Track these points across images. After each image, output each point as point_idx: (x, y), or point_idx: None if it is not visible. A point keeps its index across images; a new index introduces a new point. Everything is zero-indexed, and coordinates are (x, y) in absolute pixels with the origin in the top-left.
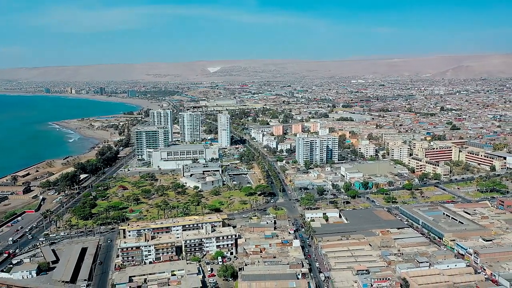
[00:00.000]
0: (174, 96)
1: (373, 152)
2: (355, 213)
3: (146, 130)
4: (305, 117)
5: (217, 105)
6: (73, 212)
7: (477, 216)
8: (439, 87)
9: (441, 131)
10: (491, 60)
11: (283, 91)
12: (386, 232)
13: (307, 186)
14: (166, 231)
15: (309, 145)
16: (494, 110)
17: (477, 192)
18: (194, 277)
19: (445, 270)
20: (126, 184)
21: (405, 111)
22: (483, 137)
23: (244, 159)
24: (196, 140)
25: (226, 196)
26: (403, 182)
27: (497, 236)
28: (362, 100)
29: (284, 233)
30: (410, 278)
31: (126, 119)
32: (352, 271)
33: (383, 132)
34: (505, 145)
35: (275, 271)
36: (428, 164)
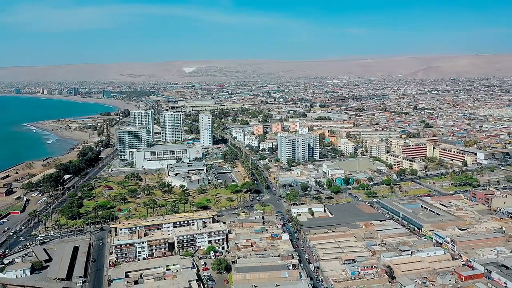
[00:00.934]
0: (150, 96)
1: (352, 149)
2: (339, 208)
3: (129, 130)
4: (284, 116)
5: (195, 105)
6: (60, 212)
7: (452, 208)
8: (411, 87)
9: (415, 129)
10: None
11: (260, 91)
12: (369, 225)
13: (291, 183)
14: (158, 228)
15: (291, 143)
16: (463, 109)
17: (451, 186)
18: (189, 271)
19: (426, 257)
20: (111, 184)
21: (380, 110)
22: (454, 134)
23: (228, 158)
24: (178, 140)
25: (213, 194)
26: (382, 178)
27: (471, 226)
28: (338, 99)
29: (273, 227)
30: (394, 266)
31: (103, 119)
32: (339, 261)
33: (360, 131)
34: (475, 142)
35: (267, 263)
36: (405, 161)
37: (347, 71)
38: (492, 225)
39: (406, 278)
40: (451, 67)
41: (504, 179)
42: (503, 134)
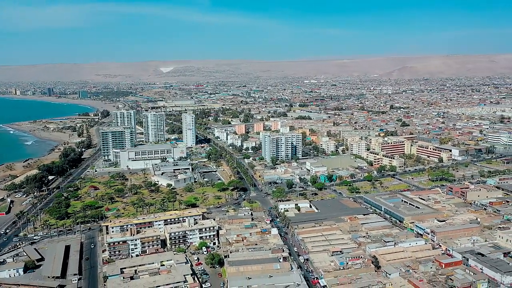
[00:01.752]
0: (128, 96)
1: (333, 148)
2: (324, 203)
3: (112, 130)
4: (264, 116)
5: (175, 106)
6: (48, 212)
7: (430, 202)
8: (387, 87)
9: (393, 128)
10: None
11: (239, 91)
12: (353, 218)
13: (276, 181)
14: (149, 226)
15: (275, 142)
16: (437, 108)
17: (429, 181)
18: (183, 266)
19: (408, 247)
20: (96, 184)
21: (358, 109)
22: (430, 132)
23: (212, 157)
24: (161, 140)
25: (200, 192)
26: (363, 174)
27: (449, 218)
28: (317, 99)
29: (262, 223)
30: (379, 256)
31: (82, 120)
32: (328, 252)
33: (340, 130)
34: (449, 139)
35: (259, 256)
36: (384, 158)
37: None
38: (468, 217)
39: (391, 267)
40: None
41: (477, 174)
42: (475, 132)
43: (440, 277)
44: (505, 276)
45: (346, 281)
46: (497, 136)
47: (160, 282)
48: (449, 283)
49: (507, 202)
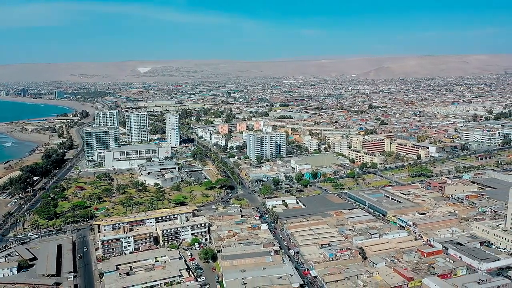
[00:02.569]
0: (106, 97)
1: (316, 146)
2: (310, 199)
3: (96, 131)
4: (246, 116)
5: (156, 106)
6: (36, 213)
7: (411, 196)
8: (364, 87)
9: (372, 126)
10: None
11: (219, 92)
12: (339, 213)
13: (262, 179)
14: (140, 224)
15: (259, 141)
16: (414, 107)
17: (409, 177)
18: (178, 261)
19: (392, 239)
20: (82, 184)
21: (338, 109)
22: (407, 130)
23: (197, 157)
24: (144, 140)
25: (187, 191)
26: (346, 171)
27: (428, 211)
28: (297, 99)
29: (251, 219)
30: (366, 247)
31: (61, 121)
32: (316, 245)
33: (322, 128)
34: (426, 137)
35: (251, 250)
36: (365, 155)
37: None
38: (446, 210)
39: (377, 257)
40: (400, 68)
41: (454, 170)
42: (450, 130)
43: (423, 265)
44: (482, 263)
45: (336, 271)
46: (471, 133)
47: (156, 277)
48: (431, 270)
49: (482, 196)
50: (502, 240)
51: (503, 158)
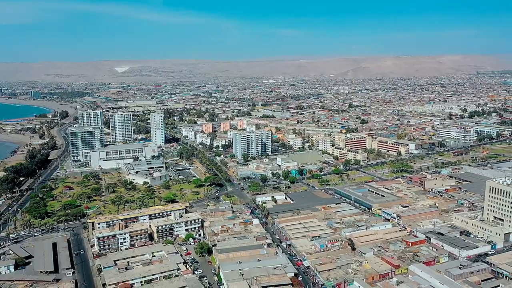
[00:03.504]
0: (84, 97)
1: (300, 144)
2: (299, 195)
3: (81, 131)
4: (229, 115)
5: (137, 106)
6: (27, 212)
7: (394, 190)
8: (343, 86)
9: (353, 125)
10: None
11: (200, 91)
12: (327, 207)
13: (250, 176)
14: (134, 221)
15: (245, 140)
16: (392, 106)
17: (390, 172)
18: (174, 256)
19: (378, 230)
20: (70, 184)
21: (319, 108)
22: (387, 128)
23: (184, 156)
24: (128, 140)
25: (177, 189)
26: (331, 168)
27: (411, 204)
28: (278, 99)
29: (242, 214)
30: (354, 238)
31: (40, 122)
32: (307, 238)
33: (305, 127)
34: (405, 135)
35: (245, 244)
36: (349, 152)
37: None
38: (427, 202)
39: (365, 247)
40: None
41: (432, 165)
42: (427, 128)
43: (408, 254)
44: (462, 250)
45: (327, 261)
46: (447, 131)
47: (155, 271)
48: (416, 258)
49: (459, 189)
50: (479, 229)
51: (478, 154)
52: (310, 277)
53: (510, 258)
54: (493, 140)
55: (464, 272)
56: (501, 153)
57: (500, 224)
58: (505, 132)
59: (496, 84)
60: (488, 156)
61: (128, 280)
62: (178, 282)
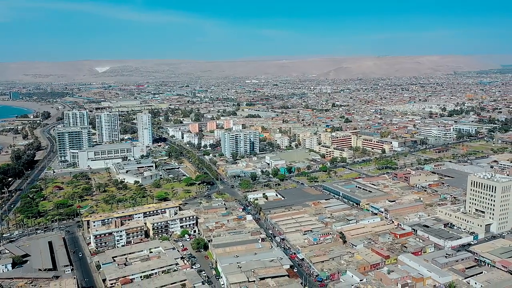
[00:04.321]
0: (65, 97)
1: (287, 143)
2: (289, 192)
3: (69, 131)
4: (215, 115)
5: (121, 106)
6: (20, 212)
7: (380, 186)
8: (326, 86)
9: (337, 124)
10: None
11: (183, 91)
12: (317, 203)
13: (240, 174)
14: (129, 218)
15: (234, 139)
16: (374, 105)
17: (376, 169)
18: (172, 251)
19: (368, 224)
20: (59, 184)
21: (303, 107)
22: (371, 127)
23: (173, 155)
24: (115, 140)
25: (168, 187)
26: (318, 166)
27: (397, 198)
28: (262, 98)
29: (235, 211)
30: (345, 232)
31: (22, 122)
32: (300, 232)
33: (290, 126)
34: (388, 133)
35: (240, 239)
36: (335, 150)
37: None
38: (412, 197)
39: (356, 240)
40: (358, 68)
41: (416, 162)
42: (409, 126)
43: (396, 245)
44: (446, 241)
45: (321, 253)
46: (429, 129)
47: (154, 266)
48: (404, 249)
49: (442, 184)
50: (462, 221)
51: (458, 151)
52: (304, 268)
53: (491, 247)
54: (472, 138)
55: (449, 261)
56: (479, 150)
57: (481, 216)
58: (483, 130)
59: (472, 84)
60: (468, 153)
61: (128, 275)
62: (178, 276)
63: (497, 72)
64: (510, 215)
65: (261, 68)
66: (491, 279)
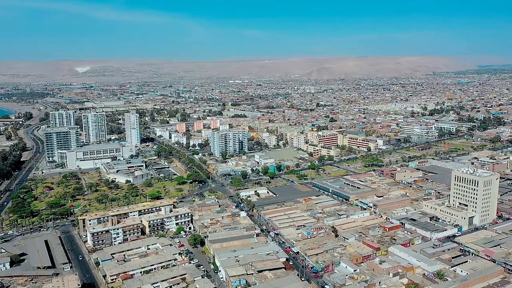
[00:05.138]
0: (46, 98)
1: (275, 142)
2: (280, 189)
3: (57, 131)
4: (201, 115)
5: (105, 106)
6: (12, 212)
7: (368, 183)
8: (309, 86)
9: (323, 123)
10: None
11: (167, 92)
12: (308, 199)
13: (230, 173)
14: (124, 217)
15: (223, 138)
16: (357, 105)
17: (363, 166)
18: (169, 247)
19: (358, 218)
20: (49, 184)
21: (288, 107)
22: (355, 126)
23: (162, 155)
24: (102, 140)
25: (160, 186)
26: (306, 164)
27: (384, 194)
28: (246, 98)
29: (229, 208)
30: (337, 226)
31: (4, 123)
32: (293, 227)
33: (277, 126)
34: (373, 132)
35: (236, 234)
36: (322, 149)
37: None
38: (399, 193)
39: (348, 233)
40: (340, 68)
41: (400, 159)
42: (393, 125)
43: (386, 238)
44: (433, 233)
45: (315, 246)
46: (411, 128)
47: (153, 262)
48: (393, 241)
49: (426, 180)
50: (447, 214)
51: (440, 149)
52: (299, 261)
53: (475, 238)
54: (453, 136)
55: (437, 251)
56: (460, 147)
57: (465, 209)
58: (463, 128)
59: (451, 84)
60: (449, 150)
61: (128, 271)
62: (178, 271)
63: (474, 72)
64: (492, 208)
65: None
66: (475, 267)
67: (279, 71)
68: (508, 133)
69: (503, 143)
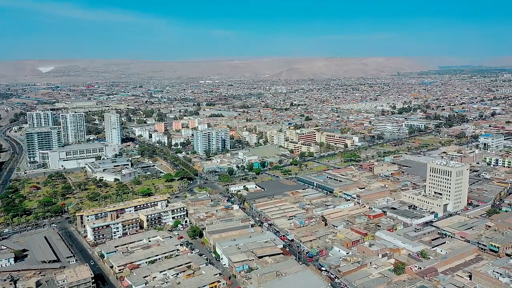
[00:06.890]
0: (11, 98)
1: (256, 140)
2: (267, 184)
3: (38, 131)
4: (177, 115)
5: (77, 107)
6: (5, 211)
7: (349, 176)
8: (280, 86)
9: (299, 122)
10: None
11: (138, 92)
12: (295, 193)
13: (216, 170)
14: (121, 212)
15: (207, 137)
16: (330, 104)
17: (342, 162)
18: (170, 239)
19: (344, 208)
20: (35, 184)
21: (263, 107)
22: (330, 124)
23: (146, 154)
24: (81, 140)
25: (149, 184)
26: (289, 160)
27: (365, 186)
28: (220, 98)
29: (221, 202)
30: (326, 215)
31: None
32: (285, 218)
33: (255, 125)
34: (348, 130)
35: (232, 225)
36: (302, 146)
37: (216, 71)
38: (378, 185)
39: (336, 222)
40: (309, 69)
41: (376, 155)
42: (366, 123)
43: (371, 225)
44: (413, 220)
45: (308, 234)
46: (383, 125)
47: (157, 252)
48: (378, 228)
49: (402, 173)
50: (423, 203)
51: (411, 144)
52: (295, 248)
53: (450, 223)
54: (422, 132)
55: (418, 234)
56: (429, 143)
57: (440, 197)
58: (431, 125)
59: (416, 84)
60: (420, 145)
61: (135, 261)
62: (183, 259)
63: (436, 73)
64: (463, 196)
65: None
66: (453, 247)
67: (249, 71)
68: (471, 129)
69: (467, 138)
